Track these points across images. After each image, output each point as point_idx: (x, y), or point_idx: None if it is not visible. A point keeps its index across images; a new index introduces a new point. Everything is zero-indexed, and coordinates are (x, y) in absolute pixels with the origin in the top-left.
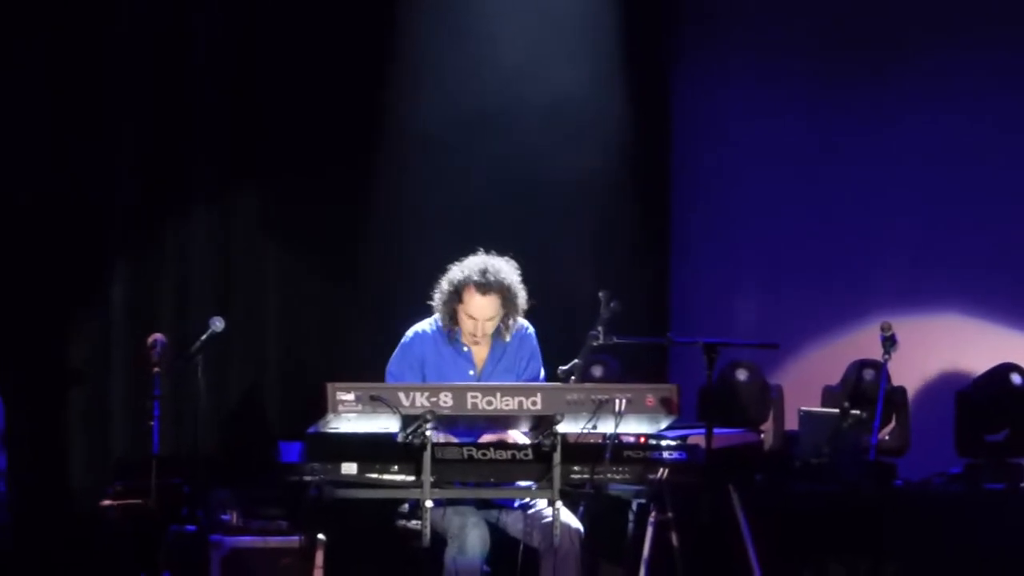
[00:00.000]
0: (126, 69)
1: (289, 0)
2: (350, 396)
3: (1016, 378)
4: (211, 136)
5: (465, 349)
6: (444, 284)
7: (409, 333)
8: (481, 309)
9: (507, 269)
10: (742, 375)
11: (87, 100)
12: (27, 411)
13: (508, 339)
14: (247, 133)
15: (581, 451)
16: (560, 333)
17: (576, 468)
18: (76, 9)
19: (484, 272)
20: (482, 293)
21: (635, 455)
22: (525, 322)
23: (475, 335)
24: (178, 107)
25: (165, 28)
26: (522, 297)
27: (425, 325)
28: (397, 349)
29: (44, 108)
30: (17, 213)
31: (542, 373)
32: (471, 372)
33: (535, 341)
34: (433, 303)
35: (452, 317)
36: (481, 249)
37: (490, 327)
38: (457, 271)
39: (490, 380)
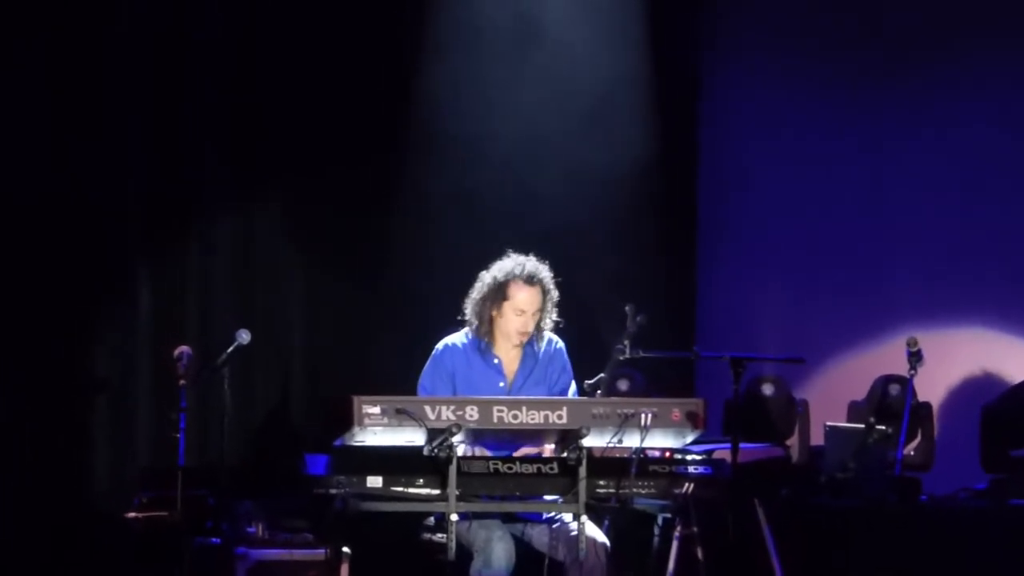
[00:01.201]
0: (126, 69)
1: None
2: (376, 409)
3: None
4: (225, 142)
5: (496, 361)
6: (482, 288)
7: (439, 346)
8: (530, 301)
9: (541, 265)
10: (768, 390)
11: (87, 100)
12: (52, 421)
13: (540, 349)
14: (263, 140)
15: (607, 465)
16: (586, 347)
17: (602, 482)
18: (76, 9)
19: (524, 266)
20: (529, 285)
21: (661, 469)
22: (555, 336)
23: (523, 332)
24: (184, 111)
25: (165, 28)
26: (555, 295)
27: (455, 337)
28: (428, 362)
29: (44, 108)
30: (31, 220)
31: (573, 386)
32: (501, 384)
33: (566, 356)
34: (466, 314)
35: (490, 323)
36: (509, 251)
37: (535, 322)
38: (495, 272)
39: (521, 392)
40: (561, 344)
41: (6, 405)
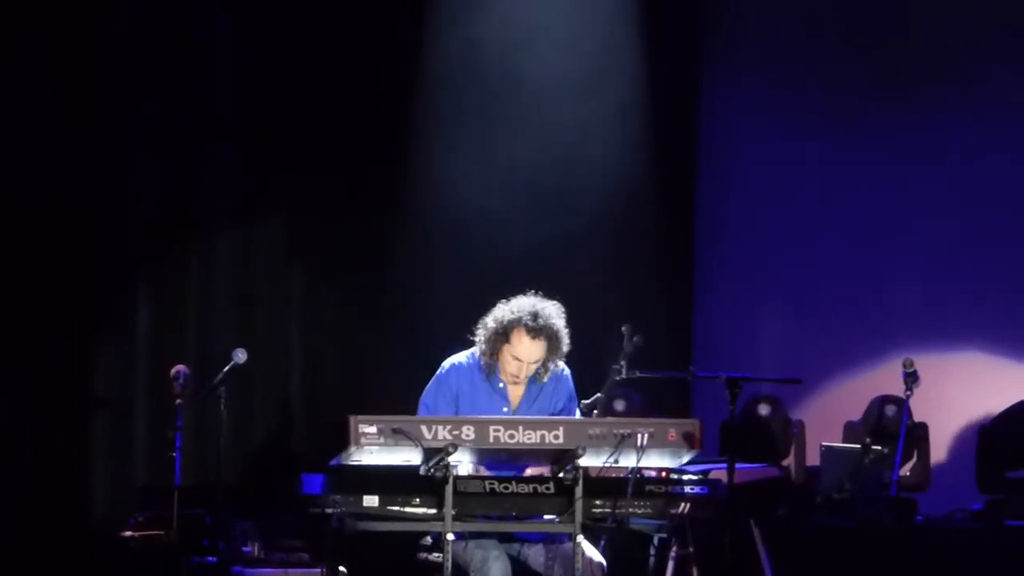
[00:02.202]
0: (126, 69)
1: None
2: (372, 428)
3: None
4: (225, 142)
5: (501, 386)
6: (491, 322)
7: (445, 365)
8: (529, 352)
9: (556, 314)
10: (764, 410)
11: (87, 100)
12: (50, 439)
13: (545, 380)
14: (263, 141)
15: (603, 485)
16: (583, 367)
17: (598, 502)
18: (76, 9)
19: (535, 316)
20: (532, 337)
21: (657, 489)
22: (562, 363)
23: (517, 376)
24: (184, 111)
25: (165, 28)
26: (566, 343)
27: (462, 357)
28: (432, 381)
29: (44, 108)
30: (31, 221)
31: (577, 415)
32: (505, 409)
33: (572, 384)
34: (475, 337)
35: (494, 355)
36: (532, 291)
37: (533, 369)
38: (507, 311)
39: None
40: (568, 371)
41: (6, 405)
